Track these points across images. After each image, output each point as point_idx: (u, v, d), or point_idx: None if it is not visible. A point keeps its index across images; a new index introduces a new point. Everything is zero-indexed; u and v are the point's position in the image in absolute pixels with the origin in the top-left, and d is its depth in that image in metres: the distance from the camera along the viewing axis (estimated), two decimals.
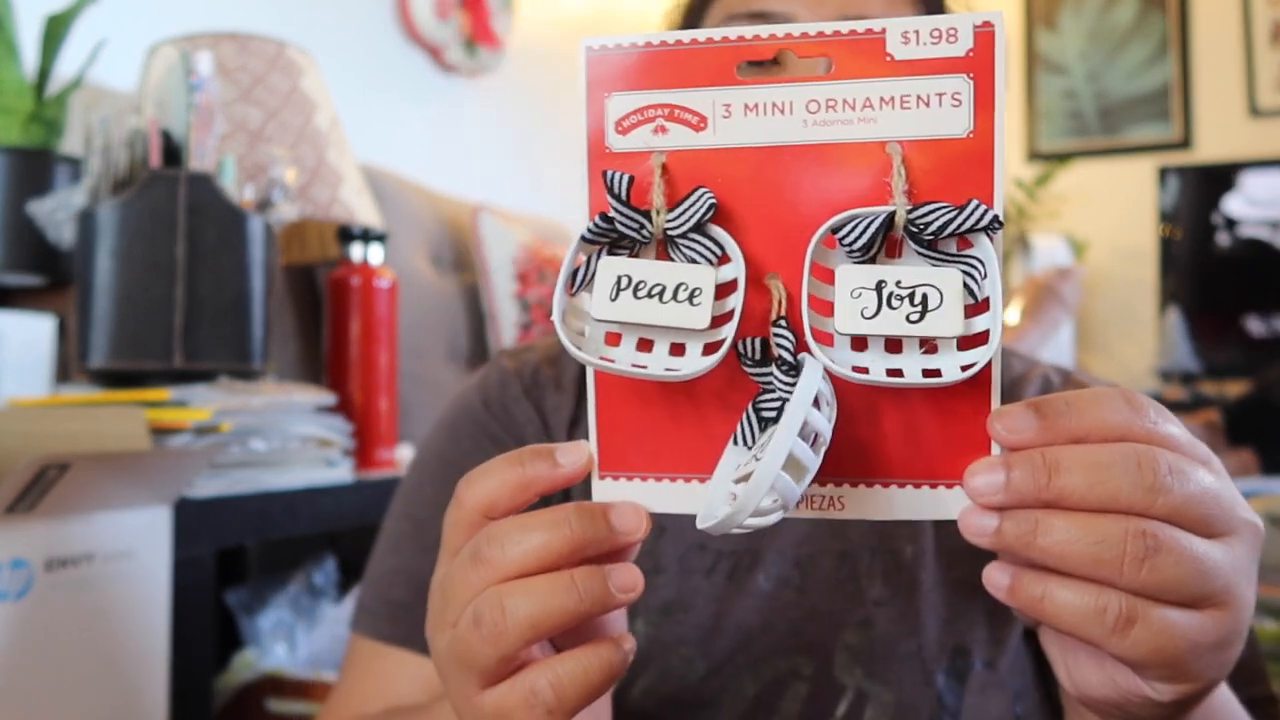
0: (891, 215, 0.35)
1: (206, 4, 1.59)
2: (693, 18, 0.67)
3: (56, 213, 1.02)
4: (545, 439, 0.65)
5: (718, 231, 0.37)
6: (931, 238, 0.35)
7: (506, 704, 0.37)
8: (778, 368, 0.36)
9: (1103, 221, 3.44)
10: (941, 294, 0.34)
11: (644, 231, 0.37)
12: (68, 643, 0.69)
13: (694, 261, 0.37)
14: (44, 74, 1.10)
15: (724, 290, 0.37)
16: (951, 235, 0.35)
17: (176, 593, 0.78)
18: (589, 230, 0.37)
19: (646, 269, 0.37)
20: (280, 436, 0.99)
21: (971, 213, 0.35)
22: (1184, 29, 3.44)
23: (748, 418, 0.37)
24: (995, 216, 0.35)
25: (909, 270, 0.35)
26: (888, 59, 0.36)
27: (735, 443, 0.37)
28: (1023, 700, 0.57)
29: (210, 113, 1.00)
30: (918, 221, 0.35)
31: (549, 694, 0.36)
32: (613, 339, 0.38)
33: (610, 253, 0.37)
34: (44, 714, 0.68)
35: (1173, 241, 3.36)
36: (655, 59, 0.37)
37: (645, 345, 0.38)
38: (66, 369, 1.06)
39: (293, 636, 1.22)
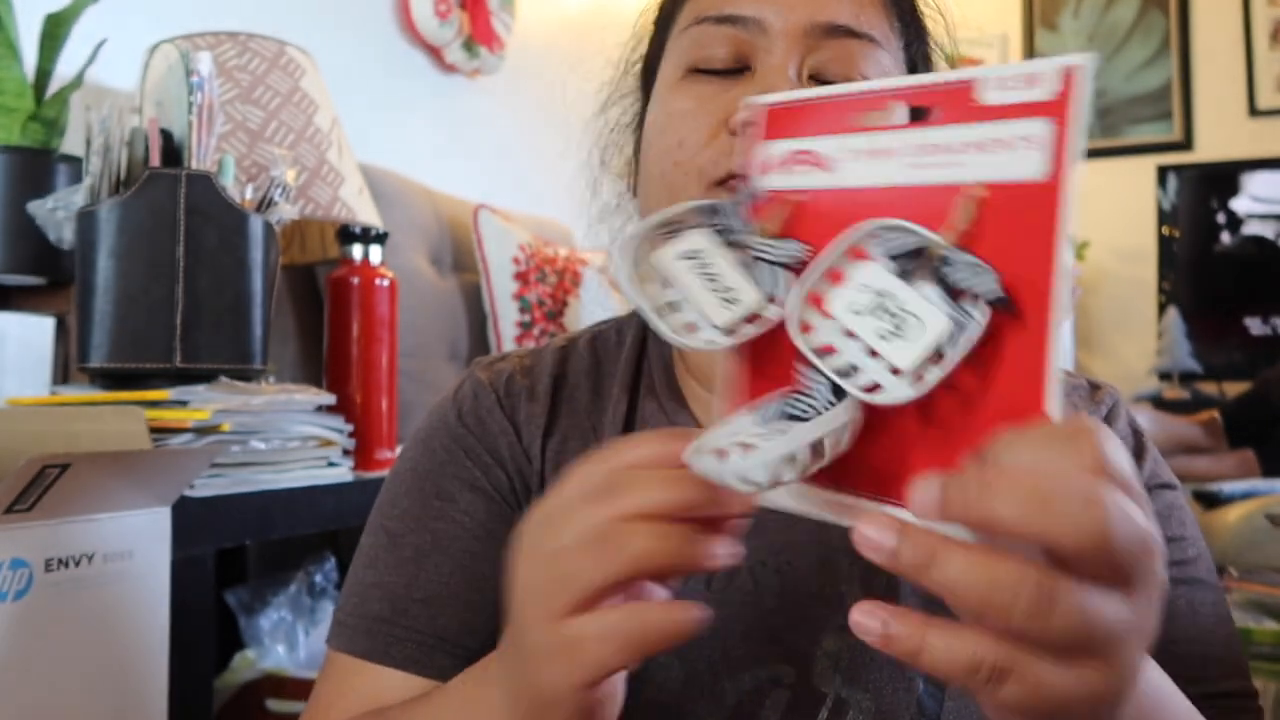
0: (929, 242, 0.37)
1: (206, 4, 1.59)
2: (664, 19, 0.67)
3: (56, 213, 1.02)
4: (519, 449, 0.66)
5: (789, 280, 0.41)
6: (944, 278, 0.37)
7: (586, 632, 0.38)
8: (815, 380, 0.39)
9: (1103, 221, 3.44)
10: (922, 331, 0.36)
11: (737, 235, 0.42)
12: (67, 643, 0.69)
13: (758, 285, 0.41)
14: (44, 74, 1.10)
15: (753, 319, 0.41)
16: (959, 289, 0.36)
17: (176, 593, 0.78)
18: (702, 203, 0.43)
19: (721, 258, 0.42)
20: (280, 436, 0.99)
21: (981, 279, 0.35)
22: (1184, 29, 3.43)
23: (772, 404, 0.40)
24: (1001, 298, 0.35)
25: (914, 295, 0.36)
26: (975, 104, 0.37)
27: (755, 413, 0.40)
28: None
29: (210, 112, 1.00)
30: (947, 258, 0.36)
31: (635, 631, 0.38)
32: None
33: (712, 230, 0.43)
34: (44, 714, 0.68)
35: (1173, 241, 3.36)
36: (795, 112, 0.43)
37: (668, 309, 0.42)
38: (66, 369, 1.06)
39: (293, 636, 1.22)
